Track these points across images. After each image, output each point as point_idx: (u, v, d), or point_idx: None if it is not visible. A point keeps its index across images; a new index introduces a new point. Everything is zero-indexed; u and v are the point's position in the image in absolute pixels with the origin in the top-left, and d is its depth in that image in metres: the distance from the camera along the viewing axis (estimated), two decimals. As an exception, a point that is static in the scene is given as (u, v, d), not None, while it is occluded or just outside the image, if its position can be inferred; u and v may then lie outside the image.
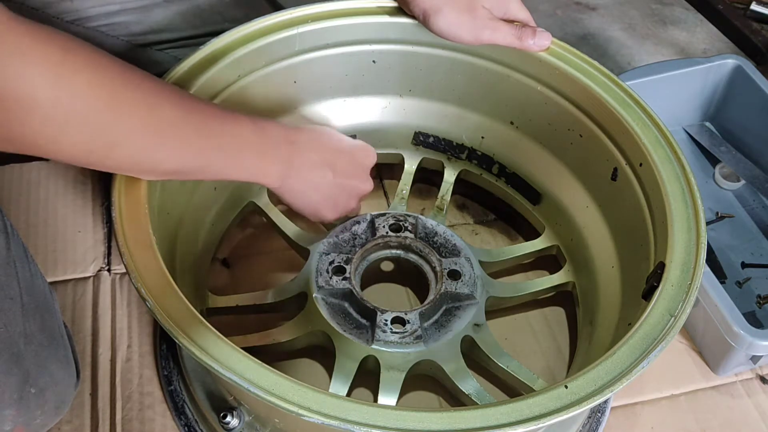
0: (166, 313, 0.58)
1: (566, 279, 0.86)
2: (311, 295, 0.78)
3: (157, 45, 0.95)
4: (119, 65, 0.55)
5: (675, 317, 0.62)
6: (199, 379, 0.76)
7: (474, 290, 0.80)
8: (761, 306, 0.93)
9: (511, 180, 0.92)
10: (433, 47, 0.87)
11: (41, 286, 0.64)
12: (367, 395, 0.78)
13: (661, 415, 0.83)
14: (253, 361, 0.56)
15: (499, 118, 0.91)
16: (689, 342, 0.89)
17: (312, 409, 0.54)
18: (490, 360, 0.77)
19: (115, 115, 0.54)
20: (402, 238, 0.84)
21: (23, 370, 0.58)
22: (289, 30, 0.83)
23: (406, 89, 0.92)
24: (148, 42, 0.94)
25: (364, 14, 0.85)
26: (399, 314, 0.76)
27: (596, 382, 0.58)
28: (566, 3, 1.54)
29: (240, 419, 0.72)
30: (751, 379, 0.87)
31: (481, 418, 0.55)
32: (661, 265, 0.67)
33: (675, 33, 1.48)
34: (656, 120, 0.77)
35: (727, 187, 1.07)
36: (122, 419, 0.78)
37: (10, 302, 0.58)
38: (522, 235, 0.96)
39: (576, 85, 0.81)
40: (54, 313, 0.65)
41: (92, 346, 0.83)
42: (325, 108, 0.91)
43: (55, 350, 0.63)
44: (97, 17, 0.91)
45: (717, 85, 1.09)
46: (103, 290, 0.88)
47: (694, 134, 1.12)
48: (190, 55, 0.78)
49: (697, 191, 0.71)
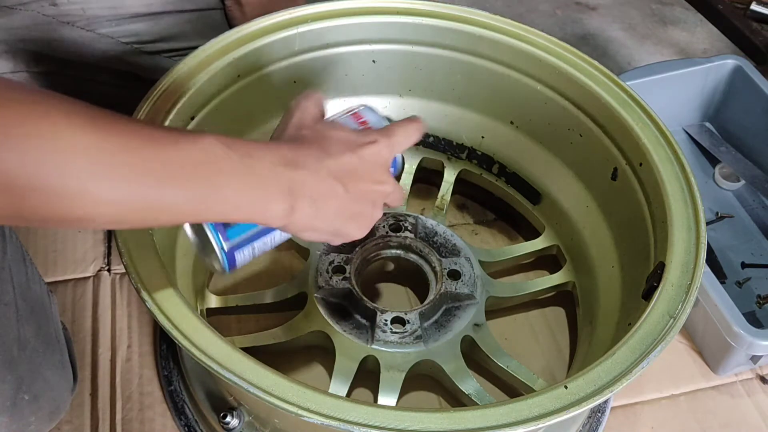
0: (166, 314, 0.58)
1: (566, 279, 0.86)
2: (311, 295, 0.78)
3: (166, 53, 0.95)
4: None
5: (675, 317, 0.62)
6: (199, 379, 0.77)
7: (474, 290, 0.80)
8: (761, 306, 0.93)
9: (511, 180, 0.92)
10: (433, 47, 0.87)
11: (37, 290, 0.63)
12: (367, 395, 0.78)
13: (661, 415, 0.83)
14: (252, 362, 0.56)
15: (499, 118, 0.91)
16: (689, 342, 0.89)
17: (311, 409, 0.54)
18: (490, 360, 0.77)
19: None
20: (402, 238, 0.84)
21: (17, 376, 0.57)
22: (288, 30, 0.83)
23: (406, 89, 0.92)
24: (158, 50, 0.95)
25: (364, 14, 0.85)
26: (399, 314, 0.76)
27: (596, 382, 0.57)
28: (566, 3, 1.54)
29: (240, 419, 0.72)
30: (751, 379, 0.87)
31: (481, 418, 0.55)
32: (661, 265, 0.67)
33: (675, 33, 1.48)
34: (656, 120, 0.77)
35: (727, 187, 1.07)
36: (122, 419, 0.78)
37: (4, 308, 0.58)
38: (522, 235, 0.96)
39: (576, 85, 0.81)
40: (50, 317, 0.65)
41: (92, 346, 0.83)
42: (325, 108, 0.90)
43: (50, 355, 0.63)
44: (108, 24, 0.91)
45: (717, 85, 1.09)
46: (103, 290, 0.88)
47: (694, 134, 1.12)
48: (190, 56, 0.77)
49: (697, 191, 0.71)
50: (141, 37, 0.94)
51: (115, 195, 0.45)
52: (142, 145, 0.46)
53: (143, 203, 0.47)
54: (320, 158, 0.56)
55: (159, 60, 0.96)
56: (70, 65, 0.93)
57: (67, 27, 0.90)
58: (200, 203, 0.49)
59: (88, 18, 0.91)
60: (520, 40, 0.83)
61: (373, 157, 0.59)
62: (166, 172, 0.47)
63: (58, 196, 0.44)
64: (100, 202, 0.45)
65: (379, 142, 0.59)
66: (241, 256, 0.62)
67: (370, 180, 0.59)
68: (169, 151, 0.47)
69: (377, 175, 0.59)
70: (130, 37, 0.93)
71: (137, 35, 0.93)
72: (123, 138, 0.46)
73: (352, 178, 0.57)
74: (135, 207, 0.47)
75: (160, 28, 0.94)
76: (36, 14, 0.89)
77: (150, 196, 0.47)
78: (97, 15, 0.91)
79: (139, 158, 0.46)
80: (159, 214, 0.49)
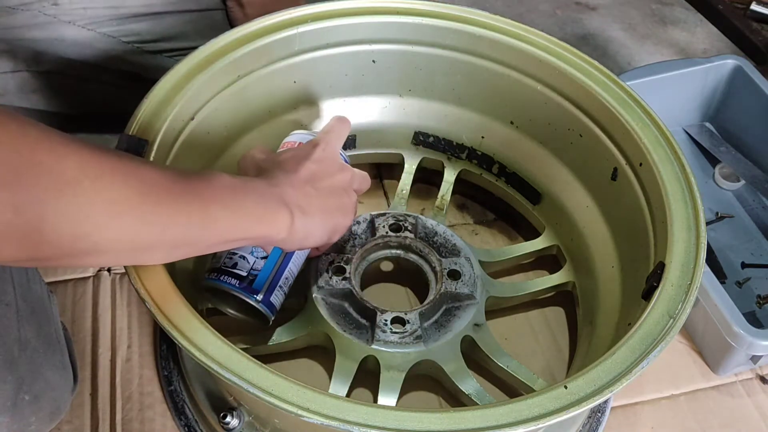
0: (166, 314, 0.58)
1: (566, 279, 0.86)
2: (311, 295, 0.78)
3: (167, 53, 0.95)
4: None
5: (675, 317, 0.62)
6: (199, 380, 0.77)
7: (474, 290, 0.80)
8: (761, 306, 0.93)
9: (511, 180, 0.92)
10: (433, 47, 0.87)
11: (38, 291, 0.64)
12: (367, 395, 0.78)
13: (661, 415, 0.83)
14: (252, 362, 0.56)
15: (499, 118, 0.91)
16: (689, 342, 0.89)
17: (311, 409, 0.54)
18: (490, 360, 0.77)
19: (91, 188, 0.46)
20: (402, 238, 0.84)
21: (17, 376, 0.58)
22: (289, 30, 0.83)
23: (406, 89, 0.92)
24: (159, 50, 0.95)
25: (364, 14, 0.85)
26: (399, 314, 0.76)
27: (596, 382, 0.57)
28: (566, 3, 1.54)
29: (240, 419, 0.72)
30: (751, 379, 0.87)
31: (481, 418, 0.55)
32: (661, 265, 0.67)
33: (675, 33, 1.48)
34: (656, 120, 0.77)
35: (727, 187, 1.07)
36: (122, 419, 0.78)
37: (4, 308, 0.58)
38: (522, 235, 0.96)
39: (576, 85, 0.81)
40: (51, 318, 0.65)
41: (92, 346, 0.83)
42: (325, 108, 0.91)
43: (51, 356, 0.63)
44: (109, 23, 0.92)
45: (717, 85, 1.09)
46: (103, 290, 0.88)
47: (694, 134, 1.12)
48: (190, 55, 0.77)
49: (697, 191, 0.71)
50: (142, 36, 0.94)
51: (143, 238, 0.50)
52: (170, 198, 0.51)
53: (181, 240, 0.53)
54: (287, 175, 0.64)
55: (160, 59, 0.96)
56: (71, 64, 0.93)
57: (68, 26, 0.90)
58: (231, 226, 0.56)
59: (89, 17, 0.91)
60: (520, 40, 0.84)
61: (320, 155, 0.69)
62: (206, 197, 0.54)
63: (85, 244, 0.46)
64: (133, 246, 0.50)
65: (319, 144, 0.70)
66: (275, 299, 0.72)
67: (329, 175, 0.69)
68: (195, 190, 0.54)
69: (332, 168, 0.70)
70: (132, 37, 0.93)
71: (138, 35, 0.93)
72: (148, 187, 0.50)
73: (316, 179, 0.67)
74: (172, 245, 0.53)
75: (162, 27, 0.95)
76: (37, 13, 0.89)
77: (183, 232, 0.52)
78: (98, 14, 0.91)
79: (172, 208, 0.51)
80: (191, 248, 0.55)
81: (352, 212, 0.71)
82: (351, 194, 0.72)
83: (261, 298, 0.70)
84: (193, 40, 0.96)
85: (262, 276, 0.70)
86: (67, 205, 0.44)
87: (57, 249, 0.45)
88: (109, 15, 0.91)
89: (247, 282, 0.69)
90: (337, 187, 0.69)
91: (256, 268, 0.70)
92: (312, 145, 0.70)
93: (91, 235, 0.46)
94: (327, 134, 0.73)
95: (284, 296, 0.73)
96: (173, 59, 0.95)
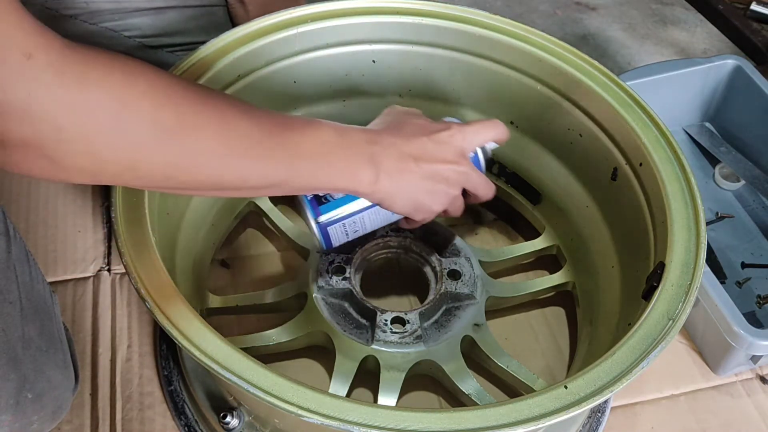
0: (166, 314, 0.58)
1: (566, 279, 0.86)
2: (311, 295, 0.78)
3: (169, 48, 0.95)
4: (182, 84, 0.52)
5: (675, 317, 0.62)
6: (199, 379, 0.77)
7: (474, 290, 0.80)
8: (761, 306, 0.93)
9: (511, 180, 0.92)
10: (433, 47, 0.87)
11: (41, 290, 0.64)
12: (367, 395, 0.78)
13: (661, 415, 0.83)
14: (252, 362, 0.56)
15: (499, 118, 0.90)
16: (689, 342, 0.89)
17: (311, 409, 0.54)
18: (490, 360, 0.77)
19: (186, 138, 0.51)
20: (402, 238, 0.84)
21: (20, 374, 0.58)
22: (288, 30, 0.83)
23: (406, 89, 0.92)
24: (160, 45, 0.94)
25: (364, 14, 0.85)
26: (399, 314, 0.76)
27: (596, 382, 0.57)
28: (566, 3, 1.54)
29: (240, 419, 0.72)
30: (751, 379, 0.87)
31: (481, 418, 0.55)
32: (661, 265, 0.67)
33: (675, 33, 1.48)
34: (656, 120, 0.77)
35: (727, 187, 1.07)
36: (122, 419, 0.78)
37: (9, 306, 0.58)
38: (522, 235, 0.96)
39: (576, 85, 0.81)
40: (53, 317, 0.65)
41: (92, 346, 0.83)
42: (325, 108, 0.91)
43: (53, 354, 0.63)
44: (111, 17, 0.91)
45: (717, 85, 1.09)
46: (103, 290, 0.88)
47: (694, 134, 1.12)
48: (190, 55, 0.78)
49: (697, 191, 0.71)
50: (144, 31, 0.93)
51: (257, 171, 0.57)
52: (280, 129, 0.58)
53: (273, 178, 0.58)
54: (394, 139, 0.65)
55: (162, 55, 0.96)
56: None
57: (70, 20, 0.90)
58: (312, 176, 0.60)
59: (91, 11, 0.90)
60: (520, 40, 0.83)
61: (444, 139, 0.67)
62: (295, 152, 0.59)
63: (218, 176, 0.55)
64: (247, 177, 0.56)
65: (452, 128, 0.68)
66: (334, 232, 0.72)
67: (441, 160, 0.67)
68: (303, 134, 0.59)
69: (449, 156, 0.68)
70: (133, 32, 0.93)
71: (140, 29, 0.93)
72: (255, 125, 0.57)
73: (423, 158, 0.66)
74: (267, 181, 0.58)
75: (164, 22, 0.94)
76: (40, 7, 0.89)
77: (278, 172, 0.58)
78: (100, 8, 0.91)
79: (275, 142, 0.57)
80: (276, 188, 0.60)
81: (442, 202, 0.69)
82: (454, 187, 0.69)
83: (321, 220, 0.70)
84: (194, 36, 0.96)
85: (333, 204, 0.70)
86: (163, 153, 0.51)
87: (150, 183, 0.52)
88: (110, 9, 0.91)
89: (318, 201, 0.70)
90: (442, 175, 0.67)
91: (334, 196, 0.71)
92: (445, 126, 0.69)
93: (179, 177, 0.52)
94: (468, 124, 0.71)
95: (346, 239, 0.73)
96: (174, 54, 0.95)
